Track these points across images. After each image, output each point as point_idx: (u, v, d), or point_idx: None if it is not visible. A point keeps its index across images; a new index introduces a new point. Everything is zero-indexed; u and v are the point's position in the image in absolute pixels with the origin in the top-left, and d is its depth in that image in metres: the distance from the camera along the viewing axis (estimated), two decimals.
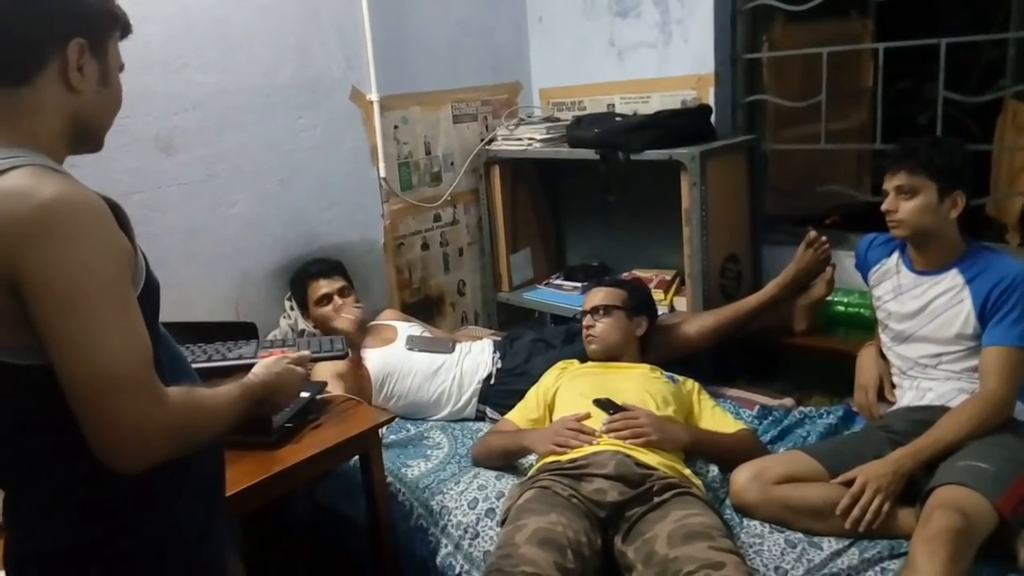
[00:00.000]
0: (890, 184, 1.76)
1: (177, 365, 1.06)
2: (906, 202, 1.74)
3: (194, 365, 1.50)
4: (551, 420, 1.98)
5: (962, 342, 1.74)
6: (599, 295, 2.17)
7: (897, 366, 1.89)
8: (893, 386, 1.91)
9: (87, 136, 1.00)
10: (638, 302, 2.18)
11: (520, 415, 2.04)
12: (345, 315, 2.26)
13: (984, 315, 1.70)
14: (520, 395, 2.12)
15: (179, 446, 0.92)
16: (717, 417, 1.98)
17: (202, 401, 0.99)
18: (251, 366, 1.26)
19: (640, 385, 1.95)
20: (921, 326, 1.80)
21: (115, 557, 0.97)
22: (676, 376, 2.06)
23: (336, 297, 2.35)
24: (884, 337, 1.93)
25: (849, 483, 1.62)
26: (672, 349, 2.25)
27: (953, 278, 1.76)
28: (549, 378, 2.10)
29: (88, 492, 0.93)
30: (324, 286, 2.36)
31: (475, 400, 2.30)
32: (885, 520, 1.58)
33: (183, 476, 1.01)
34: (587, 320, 2.14)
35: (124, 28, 1.02)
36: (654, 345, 2.21)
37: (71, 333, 0.83)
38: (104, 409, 0.84)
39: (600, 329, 2.10)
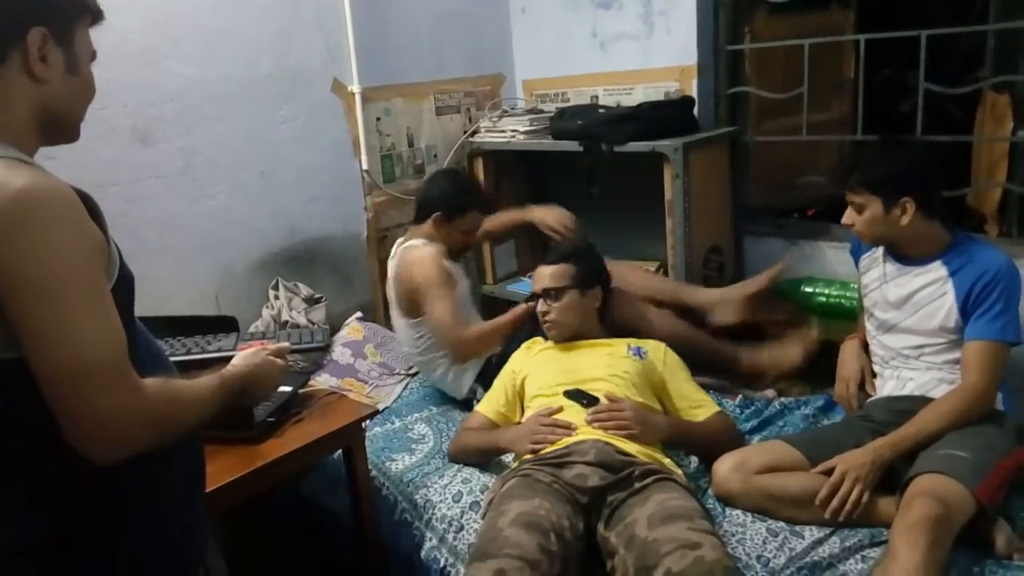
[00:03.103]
0: (846, 198, 1.80)
1: (154, 357, 1.05)
2: (858, 216, 1.78)
3: (173, 358, 1.49)
4: (522, 409, 1.97)
5: (944, 334, 1.75)
6: (546, 276, 2.03)
7: (879, 356, 1.90)
8: (874, 376, 1.93)
9: (59, 126, 0.98)
10: (589, 273, 2.05)
11: (490, 406, 2.02)
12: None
13: (966, 309, 1.70)
14: None
15: (156, 436, 0.91)
16: (689, 395, 1.95)
17: (180, 391, 0.98)
18: (230, 359, 1.25)
19: (607, 366, 1.92)
20: (905, 316, 1.81)
21: (96, 553, 0.96)
22: (643, 349, 2.00)
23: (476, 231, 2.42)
24: (869, 326, 1.94)
25: (829, 472, 1.64)
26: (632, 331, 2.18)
27: (937, 270, 1.76)
28: (515, 363, 2.07)
29: (66, 487, 0.92)
30: (479, 220, 2.41)
31: (473, 380, 2.28)
32: (864, 509, 1.60)
33: (162, 471, 1.00)
34: (541, 306, 2.03)
35: (95, 15, 1.00)
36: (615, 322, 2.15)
37: (45, 323, 0.82)
38: (79, 399, 0.83)
39: (556, 315, 2.01)
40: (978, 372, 1.66)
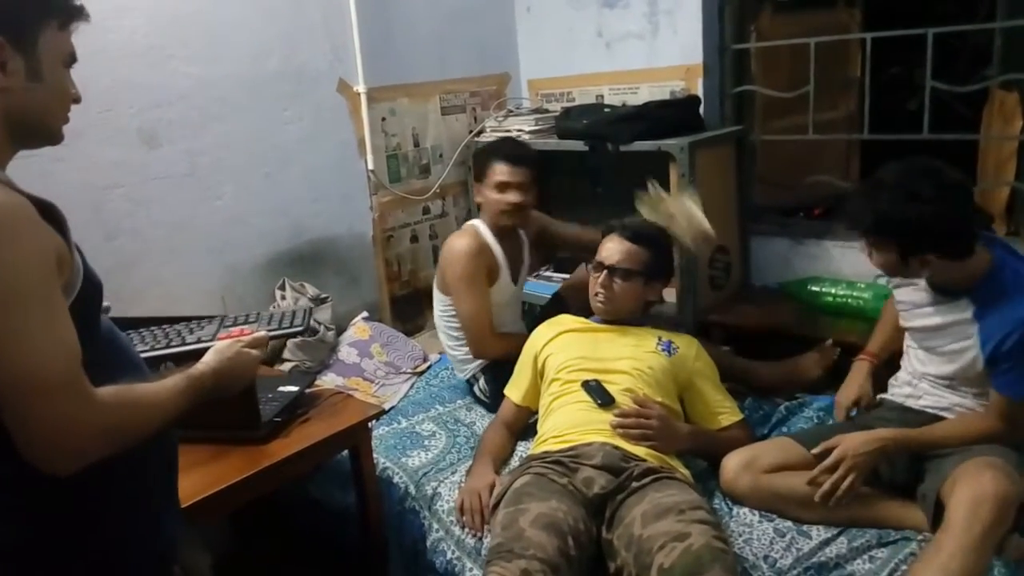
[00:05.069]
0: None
1: (125, 363, 1.04)
2: (875, 254, 1.60)
3: (153, 352, 1.48)
4: (542, 387, 1.95)
5: (970, 373, 1.63)
6: (620, 251, 1.95)
7: (914, 367, 1.81)
8: (874, 402, 1.87)
9: (32, 132, 0.96)
10: (659, 265, 1.99)
11: (517, 390, 2.01)
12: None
13: (993, 360, 1.55)
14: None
15: (111, 445, 0.91)
16: (714, 400, 1.91)
17: (138, 398, 0.97)
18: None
19: (632, 358, 1.88)
20: (934, 346, 1.70)
21: (66, 554, 0.96)
22: (674, 344, 1.94)
23: (514, 190, 2.19)
24: (908, 337, 1.83)
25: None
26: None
27: (963, 309, 1.59)
28: (539, 340, 2.02)
29: (33, 490, 0.92)
30: (506, 174, 2.18)
31: (479, 368, 2.27)
32: (873, 511, 1.60)
33: (133, 472, 1.00)
34: (603, 278, 1.94)
35: (68, 15, 0.96)
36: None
37: None
38: (30, 412, 0.84)
39: (614, 294, 1.93)
40: (1001, 420, 1.57)
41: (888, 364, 1.94)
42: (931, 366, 1.73)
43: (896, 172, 1.54)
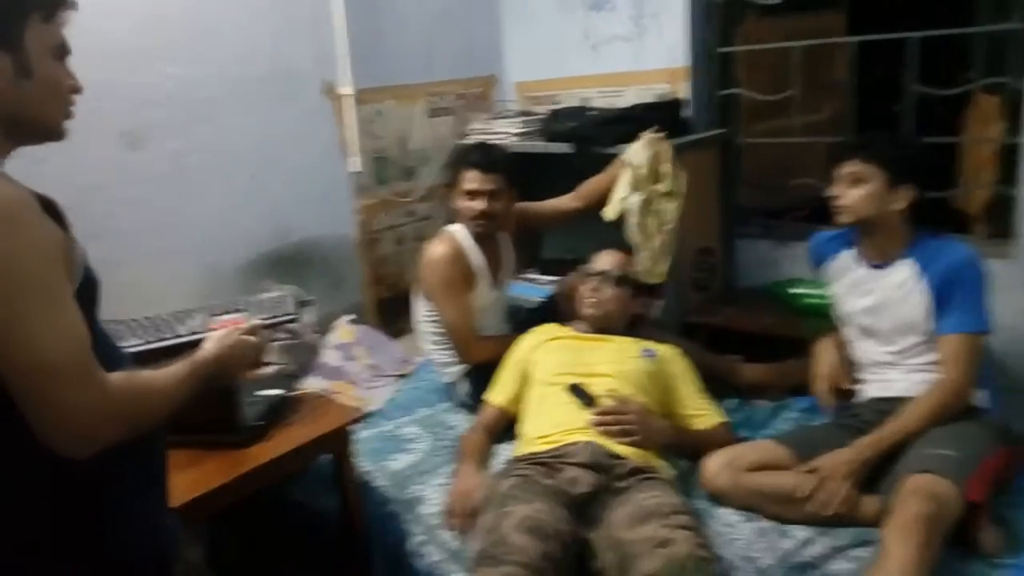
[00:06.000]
0: (840, 171, 1.78)
1: (114, 360, 1.04)
2: (852, 190, 1.76)
3: (146, 347, 1.48)
4: (527, 392, 1.96)
5: (921, 334, 1.75)
6: (613, 261, 2.08)
7: (862, 362, 1.89)
8: (851, 376, 1.92)
9: (28, 130, 0.96)
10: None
11: (500, 395, 2.02)
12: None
13: (939, 303, 1.71)
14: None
15: (124, 429, 0.92)
16: (695, 404, 1.94)
17: (146, 384, 0.99)
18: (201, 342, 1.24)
19: (616, 362, 1.91)
20: (881, 321, 1.80)
21: (65, 552, 0.96)
22: (655, 349, 1.99)
23: (482, 198, 2.17)
24: (849, 334, 1.92)
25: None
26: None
27: (906, 269, 1.76)
28: (524, 348, 2.06)
29: (27, 488, 0.93)
30: (474, 181, 2.17)
31: (463, 373, 2.26)
32: (851, 506, 1.61)
33: (126, 466, 1.00)
34: (595, 283, 2.05)
35: (52, 5, 0.94)
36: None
37: (7, 326, 0.83)
38: (45, 398, 0.85)
39: (604, 298, 2.03)
40: (955, 367, 1.67)
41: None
42: (885, 347, 1.81)
43: (884, 131, 1.90)
